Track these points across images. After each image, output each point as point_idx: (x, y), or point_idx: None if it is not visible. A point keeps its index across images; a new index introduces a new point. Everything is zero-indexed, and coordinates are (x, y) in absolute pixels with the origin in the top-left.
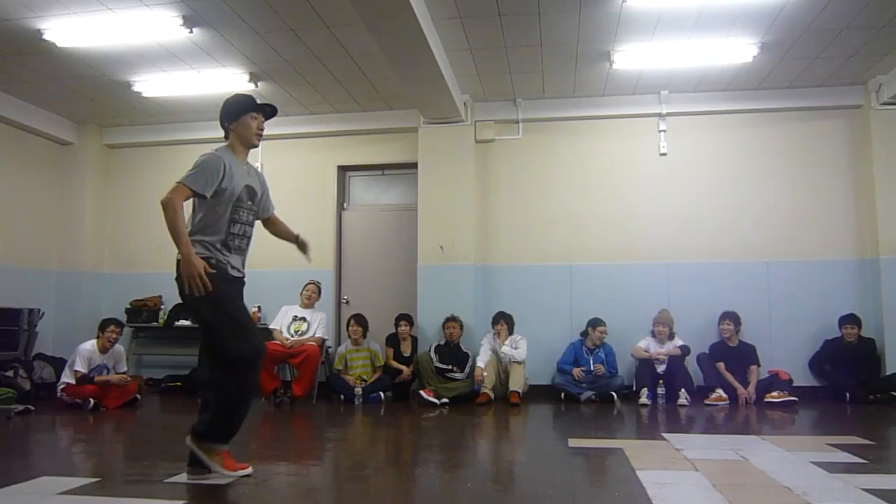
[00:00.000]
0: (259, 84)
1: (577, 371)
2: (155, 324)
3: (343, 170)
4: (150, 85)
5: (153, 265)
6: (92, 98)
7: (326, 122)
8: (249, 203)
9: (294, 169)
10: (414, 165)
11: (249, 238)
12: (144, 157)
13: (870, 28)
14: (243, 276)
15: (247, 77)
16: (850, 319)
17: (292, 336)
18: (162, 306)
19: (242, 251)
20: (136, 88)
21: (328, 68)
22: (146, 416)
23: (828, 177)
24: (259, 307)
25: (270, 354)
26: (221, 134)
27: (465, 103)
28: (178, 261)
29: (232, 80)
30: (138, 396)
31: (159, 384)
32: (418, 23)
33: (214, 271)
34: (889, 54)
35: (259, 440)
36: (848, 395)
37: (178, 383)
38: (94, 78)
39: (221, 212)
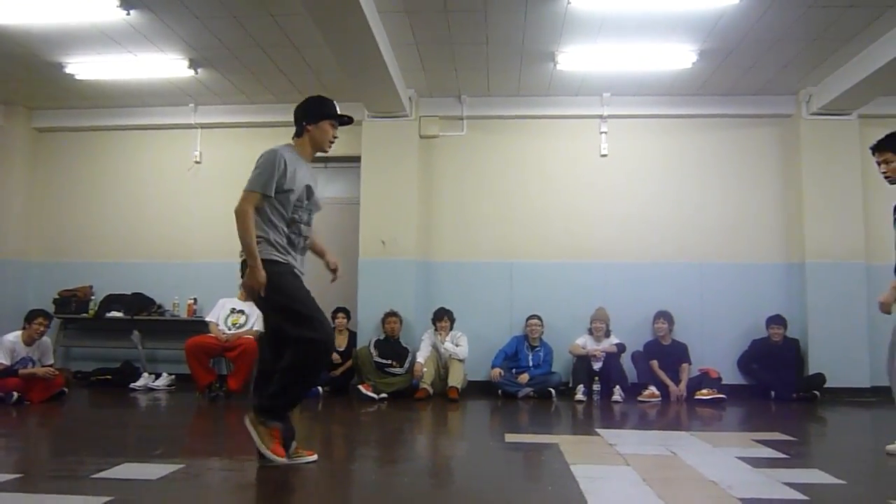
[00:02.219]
0: (199, 71)
1: (522, 377)
2: (84, 315)
3: None
4: (85, 67)
5: (84, 254)
6: (21, 79)
7: (268, 112)
8: (307, 202)
9: (234, 159)
10: (357, 159)
11: (308, 238)
12: (77, 143)
13: (802, 40)
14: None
15: (186, 63)
16: (777, 320)
17: (229, 329)
18: (92, 297)
19: (304, 251)
20: (68, 70)
21: (271, 57)
22: (73, 411)
23: (760, 183)
24: (195, 299)
25: (205, 347)
26: (162, 120)
27: (409, 98)
28: (244, 261)
29: (170, 65)
30: (65, 390)
31: (88, 377)
32: (364, 15)
33: (285, 263)
34: (819, 67)
35: (192, 435)
36: (773, 392)
37: (108, 377)
38: (23, 58)
39: (285, 211)
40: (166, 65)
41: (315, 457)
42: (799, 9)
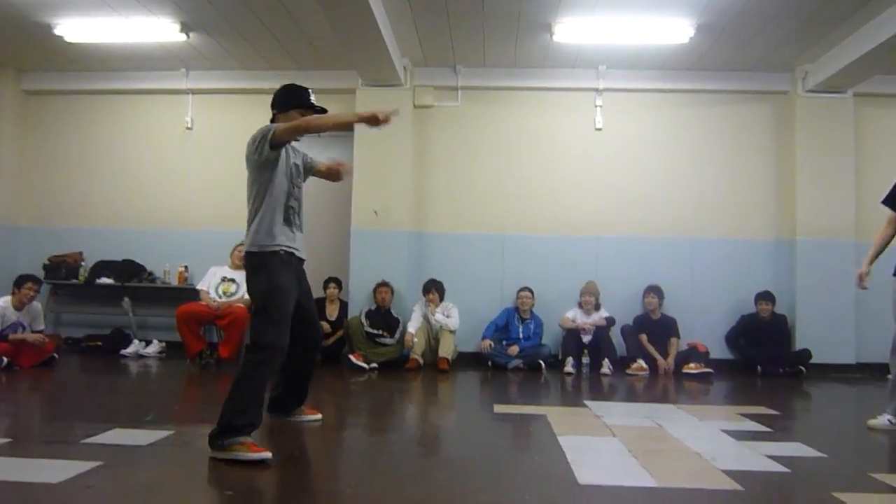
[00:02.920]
0: (191, 35)
1: (512, 349)
2: (75, 281)
3: None
4: (74, 29)
5: (74, 219)
6: (9, 40)
7: (261, 78)
8: (298, 180)
9: (226, 126)
10: (351, 128)
11: (302, 216)
12: (67, 106)
13: (799, 16)
14: (302, 256)
15: (178, 27)
16: (766, 296)
17: (220, 297)
18: (83, 262)
19: (300, 228)
20: (58, 32)
21: (264, 23)
22: (64, 376)
23: (753, 159)
24: (186, 267)
25: (196, 315)
26: (153, 85)
27: (404, 67)
28: (248, 253)
29: (162, 29)
30: (56, 356)
31: (79, 343)
32: None
33: (285, 255)
34: (816, 44)
35: (183, 402)
36: (759, 367)
37: (99, 343)
38: (11, 18)
39: (279, 185)
40: (158, 28)
41: (319, 416)
42: None
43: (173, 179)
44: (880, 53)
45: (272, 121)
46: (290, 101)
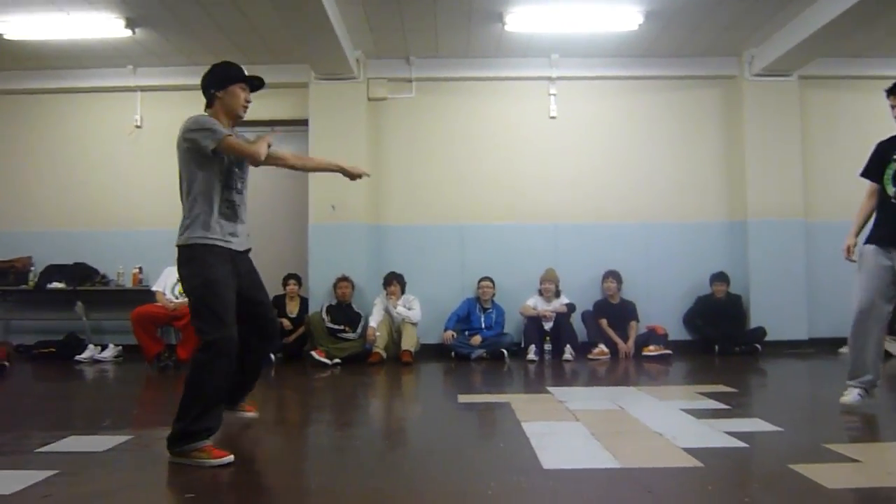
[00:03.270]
0: (137, 31)
1: (475, 339)
2: (24, 286)
3: None
4: (13, 26)
5: (20, 223)
6: None
7: None
8: (238, 171)
9: (177, 123)
10: (305, 122)
11: (244, 206)
12: (9, 106)
13: (743, 2)
14: (245, 248)
15: (123, 22)
16: (720, 277)
17: (177, 298)
18: (32, 267)
19: (240, 220)
20: None
21: (212, 16)
22: (16, 385)
23: (704, 143)
24: (140, 268)
25: (152, 317)
26: (99, 83)
27: (357, 59)
28: (179, 247)
29: (106, 24)
30: (6, 364)
31: (31, 351)
32: None
33: (218, 248)
34: (761, 28)
35: (141, 406)
36: (717, 347)
37: (52, 349)
38: None
39: (216, 178)
40: (102, 24)
41: (255, 413)
42: None
43: (124, 179)
44: (822, 36)
45: (211, 101)
46: (227, 76)
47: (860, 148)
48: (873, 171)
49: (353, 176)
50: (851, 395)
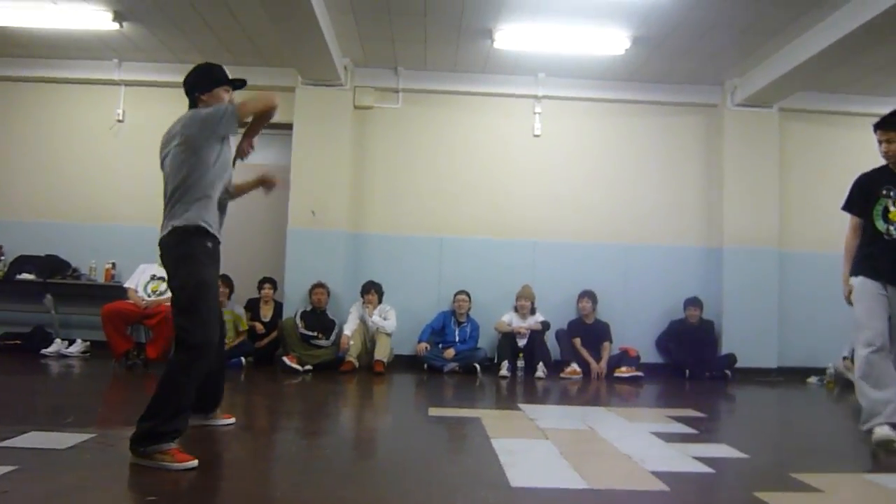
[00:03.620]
0: (124, 24)
1: (448, 352)
2: None
3: None
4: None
5: None
6: None
7: None
8: (232, 166)
9: (159, 120)
10: (289, 126)
11: (226, 205)
12: None
13: (729, 33)
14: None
15: (111, 16)
16: (694, 302)
17: (149, 296)
18: (2, 257)
19: (223, 212)
20: None
21: (202, 15)
22: None
23: (685, 169)
24: (113, 264)
25: (123, 314)
26: (83, 74)
27: (345, 67)
28: (175, 228)
29: (94, 17)
30: None
31: None
32: None
33: (213, 240)
34: (745, 59)
35: (107, 403)
36: (688, 371)
37: (17, 341)
38: None
39: (214, 169)
40: (89, 16)
41: (232, 420)
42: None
43: (102, 173)
44: (805, 70)
45: (195, 103)
46: (213, 78)
47: (836, 181)
48: (858, 204)
49: (269, 185)
50: (884, 430)
